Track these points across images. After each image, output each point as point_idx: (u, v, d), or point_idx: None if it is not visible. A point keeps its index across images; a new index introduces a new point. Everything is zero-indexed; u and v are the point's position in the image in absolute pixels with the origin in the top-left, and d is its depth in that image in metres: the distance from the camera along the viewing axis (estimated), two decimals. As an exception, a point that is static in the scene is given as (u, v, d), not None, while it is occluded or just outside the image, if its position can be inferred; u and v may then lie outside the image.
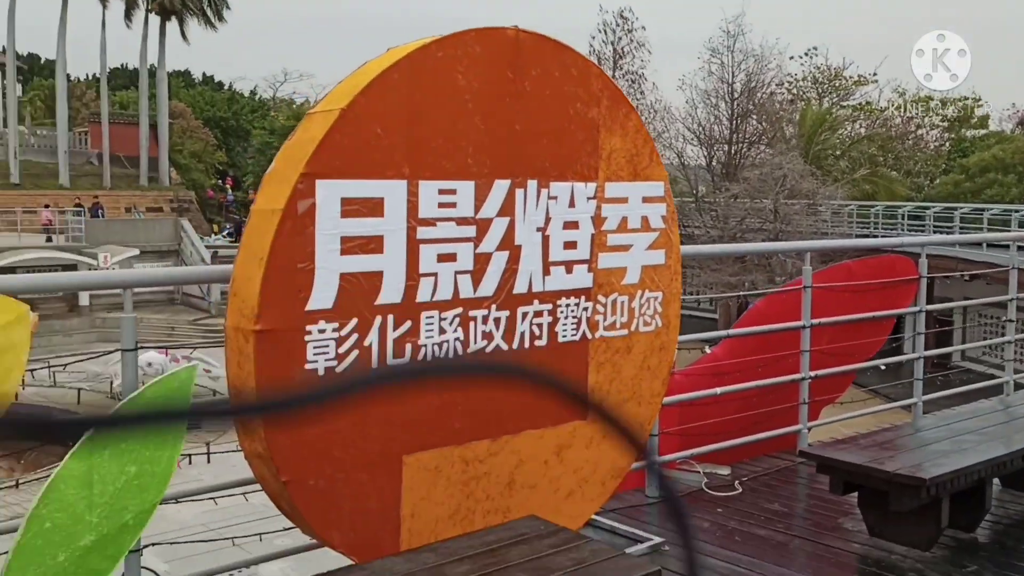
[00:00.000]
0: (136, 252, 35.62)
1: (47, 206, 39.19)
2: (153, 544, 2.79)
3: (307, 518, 3.08)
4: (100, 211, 40.77)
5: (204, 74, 71.24)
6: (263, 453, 2.99)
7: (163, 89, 48.26)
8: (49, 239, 36.27)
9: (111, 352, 3.01)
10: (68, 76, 47.30)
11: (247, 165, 57.83)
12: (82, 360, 17.48)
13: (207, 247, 39.97)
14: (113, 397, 23.16)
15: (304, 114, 3.16)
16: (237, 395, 3.02)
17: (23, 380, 2.53)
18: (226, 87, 68.87)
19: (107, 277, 9.57)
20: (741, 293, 23.78)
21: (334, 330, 3.05)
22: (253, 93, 69.18)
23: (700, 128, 37.23)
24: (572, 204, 3.67)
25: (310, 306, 2.99)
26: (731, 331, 5.69)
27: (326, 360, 3.05)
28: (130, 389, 3.04)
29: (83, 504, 2.38)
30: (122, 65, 64.97)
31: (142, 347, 3.00)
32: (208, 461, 16.40)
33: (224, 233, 48.93)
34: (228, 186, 57.62)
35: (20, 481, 16.84)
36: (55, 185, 44.32)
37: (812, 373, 5.38)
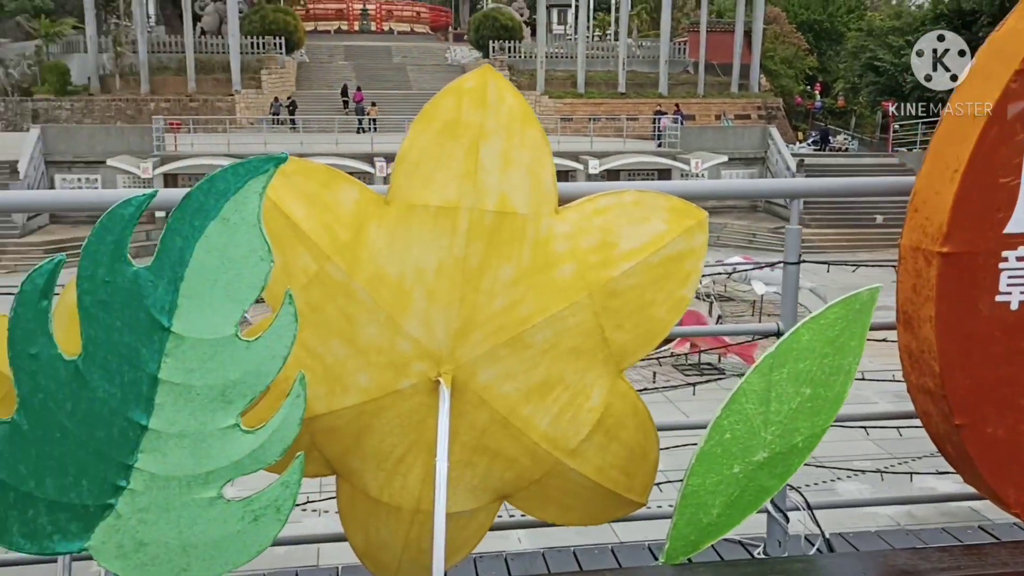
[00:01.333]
0: (724, 159, 36.80)
1: (664, 114, 42.32)
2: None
3: (979, 467, 2.70)
4: (680, 119, 42.63)
5: (802, -24, 69.74)
6: (934, 390, 2.67)
7: (759, -6, 48.45)
8: (659, 144, 39.18)
9: (774, 264, 2.89)
10: (672, -12, 49.86)
11: (838, 70, 55.62)
12: (750, 268, 17.21)
13: (792, 155, 39.69)
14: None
15: (905, 12, 2.63)
16: (906, 320, 2.72)
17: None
18: (823, -13, 66.66)
19: (779, 186, 9.21)
20: None
21: (1035, 258, 2.56)
22: (851, -8, 65.97)
23: None
24: None
25: (1009, 228, 2.54)
26: None
27: (1021, 292, 2.59)
28: (791, 302, 2.92)
29: (760, 419, 2.32)
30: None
31: (803, 260, 2.86)
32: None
33: (809, 141, 48.03)
34: (816, 92, 56.28)
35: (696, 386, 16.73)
36: (654, 94, 47.61)
37: None
